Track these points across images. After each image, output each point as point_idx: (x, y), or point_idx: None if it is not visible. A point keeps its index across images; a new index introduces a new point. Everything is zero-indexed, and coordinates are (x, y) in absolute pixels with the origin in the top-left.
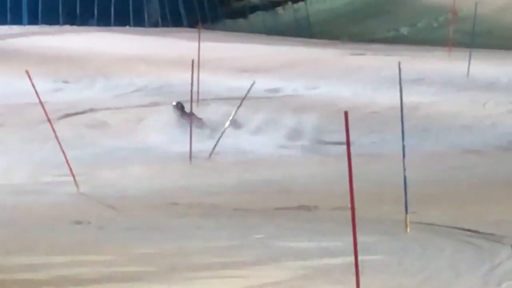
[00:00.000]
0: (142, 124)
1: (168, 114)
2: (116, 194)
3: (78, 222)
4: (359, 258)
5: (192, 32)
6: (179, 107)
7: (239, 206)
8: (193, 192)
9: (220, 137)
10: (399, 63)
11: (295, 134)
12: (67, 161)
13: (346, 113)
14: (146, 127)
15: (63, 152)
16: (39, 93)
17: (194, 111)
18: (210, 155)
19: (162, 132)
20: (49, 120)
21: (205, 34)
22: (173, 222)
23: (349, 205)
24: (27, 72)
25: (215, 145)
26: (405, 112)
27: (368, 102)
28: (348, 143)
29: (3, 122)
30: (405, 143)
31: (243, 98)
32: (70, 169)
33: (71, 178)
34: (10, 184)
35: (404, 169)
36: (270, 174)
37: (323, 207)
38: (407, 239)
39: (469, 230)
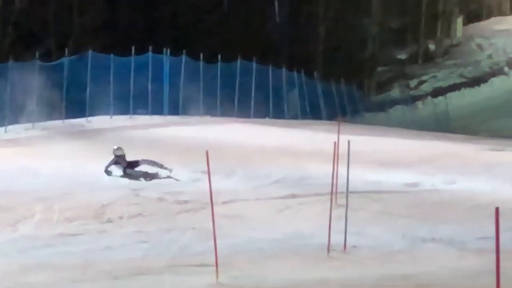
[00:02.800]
0: (281, 215)
1: (307, 206)
2: (253, 285)
3: None
4: None
5: (331, 125)
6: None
7: None
8: (331, 285)
9: None
10: None
11: (432, 228)
12: (215, 250)
13: (497, 210)
14: (285, 219)
15: (215, 238)
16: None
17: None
18: (345, 247)
19: (300, 224)
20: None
21: (344, 126)
22: None
23: None
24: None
25: None
26: None
27: (508, 197)
28: (497, 238)
29: (142, 212)
30: None
31: None
32: (216, 258)
33: (209, 268)
34: (148, 273)
35: None
36: (408, 268)
37: None
38: None
39: None
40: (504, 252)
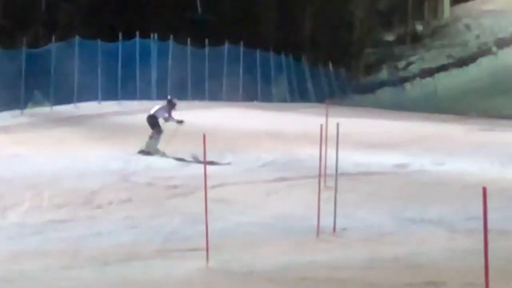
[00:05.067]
0: (270, 199)
1: (297, 189)
2: (244, 269)
3: None
4: None
5: (319, 108)
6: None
7: (367, 281)
8: (320, 267)
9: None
10: None
11: (421, 209)
12: (207, 235)
13: (484, 190)
14: (274, 202)
15: (206, 222)
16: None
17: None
18: (335, 229)
19: (289, 207)
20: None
21: (332, 109)
22: None
23: (478, 282)
24: (204, 136)
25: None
26: None
27: (496, 178)
28: (485, 218)
29: (131, 197)
30: None
31: None
32: (207, 242)
33: (200, 253)
34: (138, 258)
35: None
36: (397, 249)
37: (451, 284)
38: None
39: None
40: (493, 232)
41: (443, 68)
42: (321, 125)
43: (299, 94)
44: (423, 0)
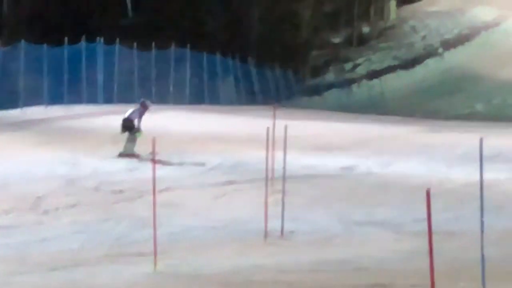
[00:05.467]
0: (218, 202)
1: (244, 192)
2: (192, 273)
3: None
4: None
5: (267, 110)
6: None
7: (315, 284)
8: (268, 271)
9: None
10: (481, 139)
11: (368, 212)
12: (154, 239)
13: (428, 192)
14: (222, 206)
15: (154, 229)
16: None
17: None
18: (282, 232)
19: (237, 211)
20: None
21: (280, 111)
22: None
23: (424, 283)
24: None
25: None
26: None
27: (442, 179)
28: (429, 220)
29: (78, 202)
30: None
31: None
32: (155, 247)
33: (147, 257)
34: (85, 263)
35: (482, 247)
36: (345, 252)
37: (397, 285)
38: None
39: None
40: (439, 233)
41: (389, 69)
42: (268, 128)
43: (246, 97)
44: (370, 2)
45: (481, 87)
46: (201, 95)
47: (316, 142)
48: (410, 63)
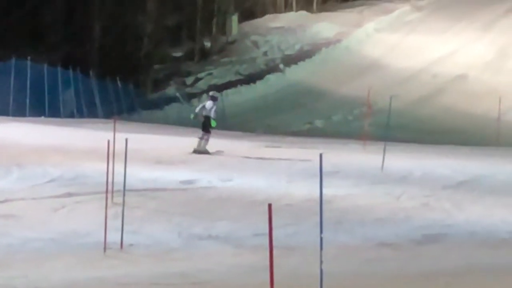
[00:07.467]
0: (57, 214)
1: (84, 205)
2: (30, 286)
3: None
4: None
5: (107, 123)
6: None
7: None
8: (107, 283)
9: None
10: (321, 155)
11: (208, 226)
12: None
13: (269, 206)
14: (61, 218)
15: None
16: None
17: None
18: (122, 245)
19: (76, 223)
20: None
21: (120, 124)
22: None
23: None
24: None
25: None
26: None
27: (282, 194)
28: (270, 234)
29: None
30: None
31: None
32: None
33: None
34: None
35: (321, 262)
36: (184, 265)
37: None
38: None
39: None
40: (279, 248)
41: (230, 84)
42: (109, 141)
43: (87, 110)
44: (212, 17)
45: (321, 103)
46: (42, 108)
47: (157, 156)
48: (251, 78)
